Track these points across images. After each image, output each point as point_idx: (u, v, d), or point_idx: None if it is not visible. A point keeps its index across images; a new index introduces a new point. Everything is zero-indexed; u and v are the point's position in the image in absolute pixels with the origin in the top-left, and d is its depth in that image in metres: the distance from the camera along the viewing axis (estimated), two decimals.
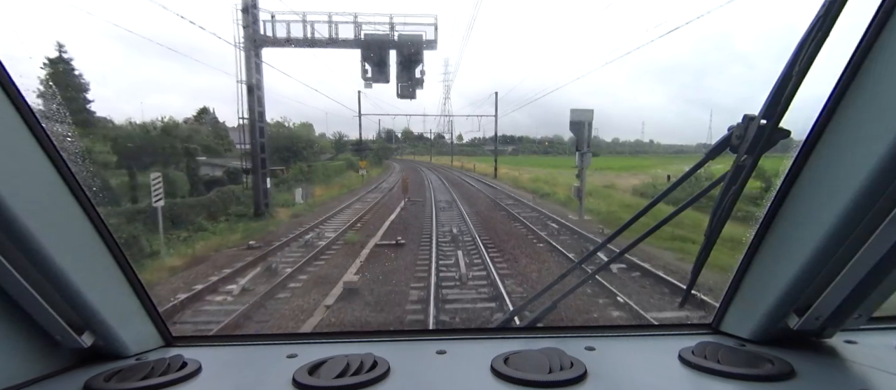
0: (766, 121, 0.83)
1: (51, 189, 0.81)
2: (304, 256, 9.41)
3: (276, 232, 12.76)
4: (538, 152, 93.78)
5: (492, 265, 8.46)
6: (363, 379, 0.86)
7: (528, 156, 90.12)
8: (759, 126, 0.83)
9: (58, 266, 0.79)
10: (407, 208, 17.14)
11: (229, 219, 14.77)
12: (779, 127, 0.82)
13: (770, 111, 0.82)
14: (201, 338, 1.16)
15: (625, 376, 0.91)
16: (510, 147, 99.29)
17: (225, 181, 19.07)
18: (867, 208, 0.71)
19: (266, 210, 15.36)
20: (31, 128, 0.75)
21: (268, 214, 15.26)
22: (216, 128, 27.98)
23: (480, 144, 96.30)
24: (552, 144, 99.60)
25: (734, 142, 0.90)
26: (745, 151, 0.87)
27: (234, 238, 11.88)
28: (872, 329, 1.06)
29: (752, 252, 0.96)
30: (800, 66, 0.76)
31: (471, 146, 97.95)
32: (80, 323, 0.88)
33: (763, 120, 0.83)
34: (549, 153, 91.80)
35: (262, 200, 15.37)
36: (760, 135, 0.83)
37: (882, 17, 0.68)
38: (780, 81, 0.80)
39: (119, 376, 0.88)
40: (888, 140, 0.66)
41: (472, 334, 1.15)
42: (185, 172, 18.41)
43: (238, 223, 14.06)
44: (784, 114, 0.80)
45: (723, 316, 1.09)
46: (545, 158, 78.80)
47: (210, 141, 24.52)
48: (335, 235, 11.65)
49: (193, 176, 18.62)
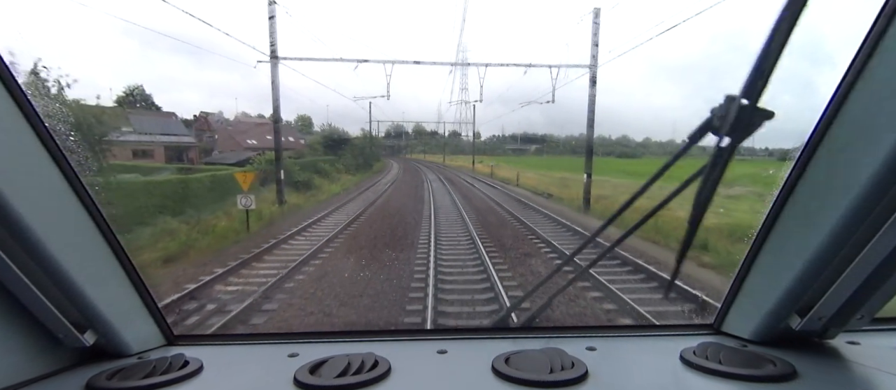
0: (747, 102, 0.80)
1: (53, 187, 0.81)
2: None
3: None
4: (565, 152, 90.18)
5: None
6: (364, 379, 0.86)
7: (554, 156, 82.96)
8: (740, 106, 0.80)
9: (60, 265, 0.79)
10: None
11: None
12: (760, 108, 0.78)
13: (749, 91, 0.79)
14: (203, 337, 1.16)
15: (626, 376, 0.91)
16: (533, 146, 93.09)
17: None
18: (870, 209, 0.71)
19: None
20: (33, 126, 0.76)
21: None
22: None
23: (501, 143, 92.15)
24: (579, 144, 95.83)
25: (716, 124, 0.86)
26: (726, 133, 0.84)
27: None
28: (875, 330, 1.05)
29: (754, 252, 0.96)
30: (777, 41, 0.74)
31: (489, 144, 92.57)
32: (82, 321, 0.89)
33: (744, 100, 0.80)
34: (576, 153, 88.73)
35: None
36: (742, 117, 0.80)
37: (884, 19, 0.67)
38: (758, 60, 0.77)
39: (121, 375, 0.88)
40: (891, 140, 0.65)
41: (472, 334, 1.15)
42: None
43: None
44: (763, 91, 0.78)
45: (724, 316, 1.09)
46: (574, 160, 73.79)
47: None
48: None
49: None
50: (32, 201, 0.74)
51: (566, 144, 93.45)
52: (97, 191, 0.88)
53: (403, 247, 9.61)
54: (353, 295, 6.53)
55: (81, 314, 0.88)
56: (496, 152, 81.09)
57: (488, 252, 8.82)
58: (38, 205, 0.75)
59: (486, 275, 7.35)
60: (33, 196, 0.75)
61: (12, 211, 0.70)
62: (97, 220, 0.89)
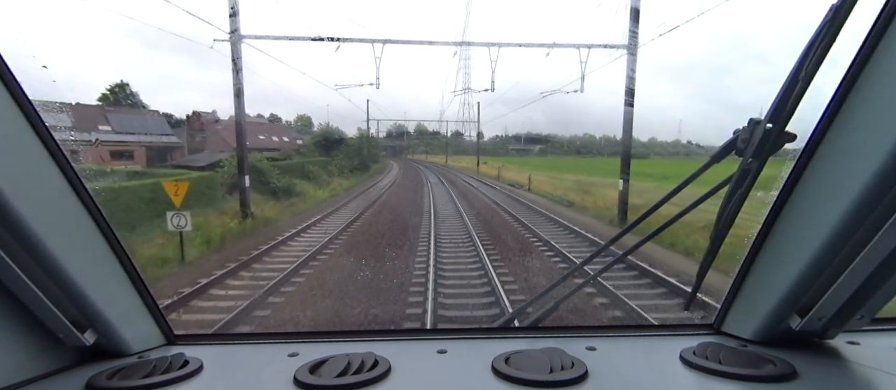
0: (771, 125, 0.84)
1: (54, 187, 0.81)
2: None
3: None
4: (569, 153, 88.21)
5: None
6: (364, 379, 0.85)
7: (558, 157, 79.16)
8: (765, 130, 0.84)
9: (61, 264, 0.79)
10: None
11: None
12: (785, 130, 0.83)
13: (776, 115, 0.83)
14: (203, 337, 1.15)
15: (626, 376, 0.91)
16: (537, 147, 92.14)
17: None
18: (870, 208, 0.71)
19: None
20: (34, 126, 0.76)
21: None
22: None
23: (503, 143, 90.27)
24: (583, 144, 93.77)
25: (740, 146, 0.91)
26: (750, 155, 0.88)
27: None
28: (875, 330, 1.05)
29: (754, 252, 0.96)
30: (806, 70, 0.77)
31: (492, 145, 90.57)
32: (82, 321, 0.88)
33: (769, 124, 0.84)
34: (581, 153, 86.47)
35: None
36: (766, 139, 0.85)
37: (885, 18, 0.67)
38: (786, 85, 0.81)
39: (121, 374, 0.87)
40: (891, 141, 0.65)
41: (472, 334, 1.15)
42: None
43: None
44: (790, 118, 0.82)
45: (724, 316, 1.09)
46: (580, 160, 69.96)
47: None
48: None
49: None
50: (33, 201, 0.74)
51: (570, 145, 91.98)
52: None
53: (390, 293, 6.55)
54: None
55: (82, 313, 0.87)
56: (499, 153, 77.37)
57: (508, 293, 6.25)
58: (38, 205, 0.75)
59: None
60: (33, 196, 0.75)
61: (13, 210, 0.70)
62: (97, 220, 0.89)
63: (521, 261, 8.52)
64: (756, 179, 0.87)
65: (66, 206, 0.82)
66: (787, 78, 0.78)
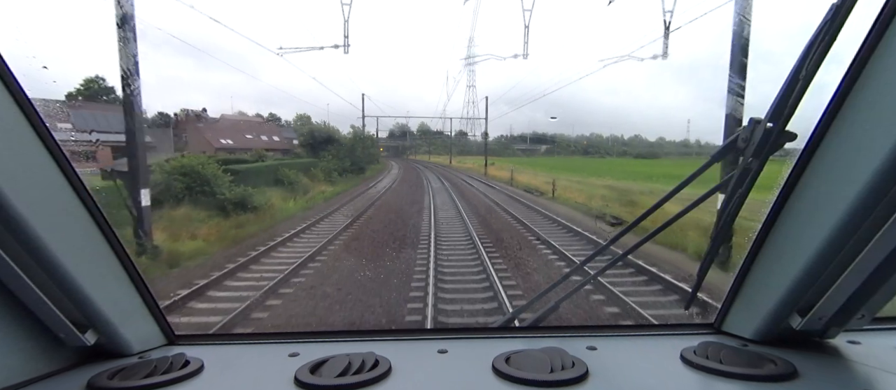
0: (772, 125, 0.84)
1: (54, 187, 0.81)
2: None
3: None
4: (576, 153, 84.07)
5: None
6: (365, 378, 0.85)
7: (565, 157, 76.39)
8: (765, 129, 0.84)
9: (61, 264, 0.79)
10: None
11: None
12: (785, 130, 0.83)
13: (776, 114, 0.83)
14: (204, 337, 1.15)
15: (626, 376, 0.90)
16: (543, 147, 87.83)
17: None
18: (871, 208, 0.70)
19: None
20: (34, 126, 0.76)
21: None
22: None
23: (509, 143, 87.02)
24: (590, 143, 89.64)
25: (740, 145, 0.91)
26: (751, 154, 0.88)
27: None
28: (876, 329, 1.05)
29: (754, 251, 0.96)
30: (807, 69, 0.77)
31: (497, 145, 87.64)
32: (83, 321, 0.89)
33: (769, 123, 0.84)
34: (588, 153, 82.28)
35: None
36: (766, 139, 0.84)
37: (885, 18, 0.67)
38: (786, 85, 0.81)
39: (122, 374, 0.88)
40: (891, 140, 0.65)
41: (473, 333, 1.15)
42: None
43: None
44: (790, 117, 0.81)
45: (725, 316, 1.09)
46: (589, 161, 64.71)
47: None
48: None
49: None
50: (33, 201, 0.74)
51: (577, 144, 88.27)
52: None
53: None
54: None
55: (82, 314, 0.88)
56: (505, 153, 73.31)
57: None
58: (38, 205, 0.75)
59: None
60: (34, 196, 0.75)
61: (13, 210, 0.70)
62: (98, 220, 0.89)
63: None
64: (756, 179, 0.89)
65: (67, 206, 0.83)
66: (788, 77, 0.80)
